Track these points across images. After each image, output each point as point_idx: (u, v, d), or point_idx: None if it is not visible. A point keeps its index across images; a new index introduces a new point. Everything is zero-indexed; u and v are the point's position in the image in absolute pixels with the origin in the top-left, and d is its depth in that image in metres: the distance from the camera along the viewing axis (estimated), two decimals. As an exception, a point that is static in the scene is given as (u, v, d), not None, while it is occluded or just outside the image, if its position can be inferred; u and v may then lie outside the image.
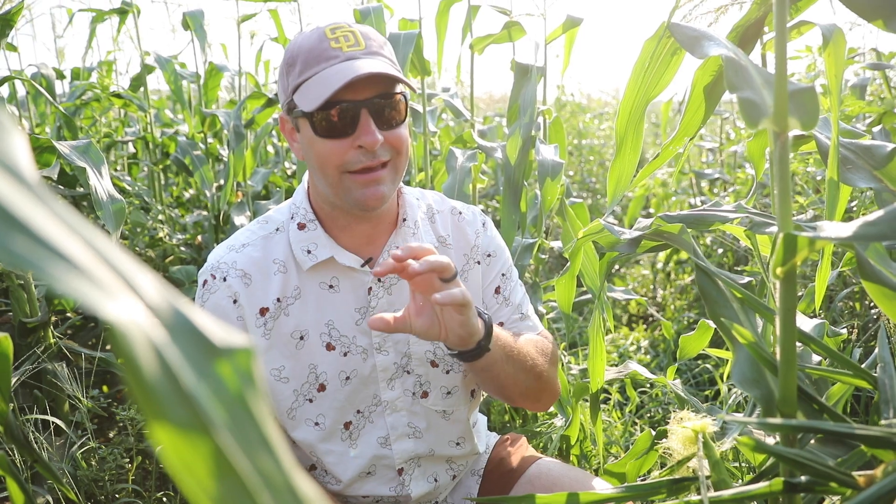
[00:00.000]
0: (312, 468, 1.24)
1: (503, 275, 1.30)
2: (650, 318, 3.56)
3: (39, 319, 1.74)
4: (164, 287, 0.31)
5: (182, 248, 2.82)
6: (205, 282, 1.16)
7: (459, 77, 3.15)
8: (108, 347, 2.05)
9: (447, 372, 1.23)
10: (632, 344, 3.19)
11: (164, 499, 1.80)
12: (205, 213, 3.31)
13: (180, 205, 3.68)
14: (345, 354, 1.17)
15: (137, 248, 2.63)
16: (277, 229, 1.18)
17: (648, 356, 3.05)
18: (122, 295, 0.28)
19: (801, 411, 0.81)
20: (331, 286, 1.17)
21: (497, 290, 1.29)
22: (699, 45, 0.88)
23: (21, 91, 3.68)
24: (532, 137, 1.89)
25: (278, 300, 1.15)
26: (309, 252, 1.15)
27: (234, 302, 1.14)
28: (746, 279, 0.93)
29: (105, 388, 2.28)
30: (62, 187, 2.35)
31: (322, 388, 1.17)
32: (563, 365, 2.41)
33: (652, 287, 3.98)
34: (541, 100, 2.19)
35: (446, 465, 1.28)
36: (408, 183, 3.30)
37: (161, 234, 2.65)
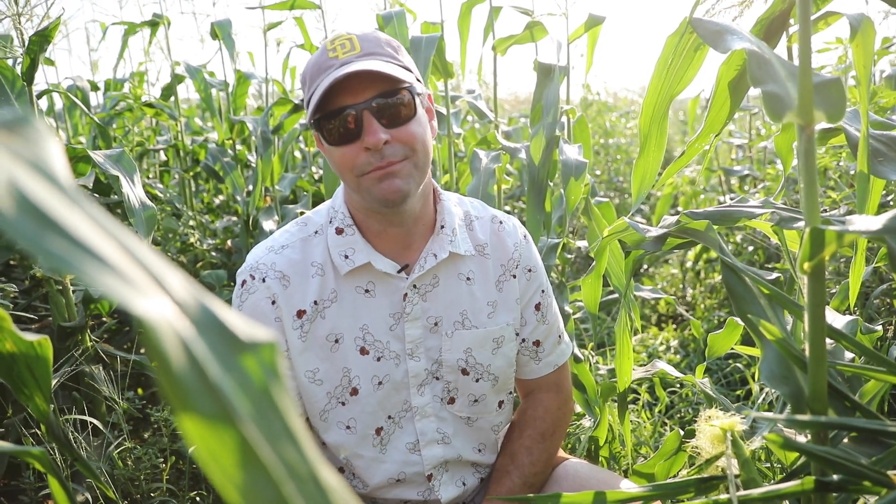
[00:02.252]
0: (340, 471, 1.24)
1: (542, 291, 1.30)
2: (679, 318, 3.51)
3: (77, 324, 1.80)
4: (192, 285, 0.32)
5: (213, 253, 2.88)
6: (243, 282, 1.17)
7: (481, 78, 3.16)
8: (142, 351, 2.11)
9: (477, 380, 1.23)
10: (661, 343, 3.15)
11: (198, 498, 1.84)
12: (234, 218, 3.37)
13: (210, 211, 3.75)
14: (378, 359, 1.17)
15: (169, 254, 2.69)
16: (316, 232, 1.19)
17: (678, 356, 3.01)
18: (152, 292, 0.29)
19: (832, 409, 0.80)
20: (367, 291, 1.17)
21: (538, 307, 1.29)
22: (722, 39, 0.88)
23: (59, 103, 3.79)
24: (556, 137, 1.88)
25: (315, 303, 1.15)
26: (346, 257, 1.16)
27: (273, 303, 1.15)
28: (774, 275, 0.91)
29: (140, 391, 2.33)
30: (97, 195, 2.42)
31: (355, 391, 1.17)
32: (590, 365, 2.39)
33: (681, 286, 3.92)
34: (564, 99, 2.19)
35: (472, 469, 1.29)
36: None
37: (192, 240, 2.71)
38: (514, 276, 1.25)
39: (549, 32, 2.16)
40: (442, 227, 1.20)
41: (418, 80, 1.14)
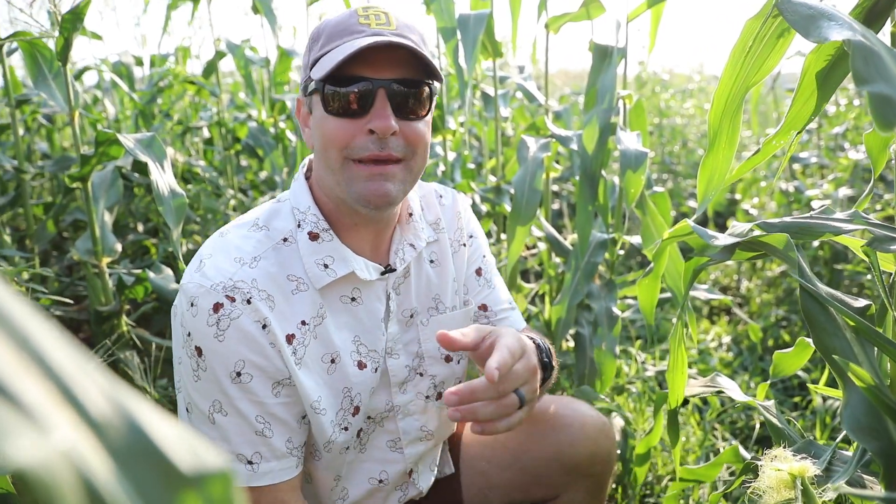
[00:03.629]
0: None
1: (484, 256, 1.27)
2: (731, 311, 3.33)
3: (113, 308, 1.78)
4: (120, 392, 0.24)
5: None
6: (217, 305, 0.94)
7: (535, 57, 3.00)
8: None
9: (458, 362, 1.19)
10: (713, 340, 2.99)
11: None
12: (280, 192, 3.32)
13: (254, 187, 3.73)
14: (376, 370, 1.09)
15: (210, 234, 2.66)
16: (285, 239, 1.02)
17: (731, 353, 2.85)
18: (49, 417, 0.21)
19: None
20: (353, 299, 1.06)
21: (479, 272, 1.26)
22: (815, 26, 0.74)
23: (108, 76, 3.81)
24: (612, 124, 1.75)
25: (303, 323, 1.01)
26: (326, 266, 1.02)
27: (264, 328, 0.96)
28: (863, 303, 0.79)
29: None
30: (137, 175, 2.41)
31: (357, 411, 1.08)
32: (639, 366, 2.27)
33: (736, 277, 3.72)
34: (621, 78, 2.03)
35: (437, 449, 1.27)
36: (479, 168, 3.19)
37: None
38: (464, 245, 1.23)
39: (606, 10, 2.00)
40: (410, 214, 1.13)
41: (437, 83, 1.04)
